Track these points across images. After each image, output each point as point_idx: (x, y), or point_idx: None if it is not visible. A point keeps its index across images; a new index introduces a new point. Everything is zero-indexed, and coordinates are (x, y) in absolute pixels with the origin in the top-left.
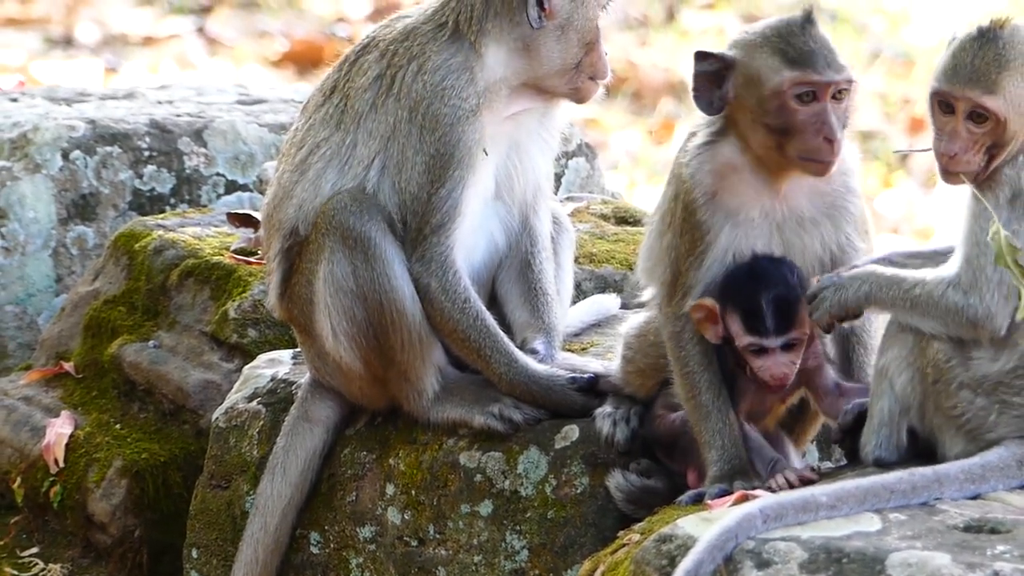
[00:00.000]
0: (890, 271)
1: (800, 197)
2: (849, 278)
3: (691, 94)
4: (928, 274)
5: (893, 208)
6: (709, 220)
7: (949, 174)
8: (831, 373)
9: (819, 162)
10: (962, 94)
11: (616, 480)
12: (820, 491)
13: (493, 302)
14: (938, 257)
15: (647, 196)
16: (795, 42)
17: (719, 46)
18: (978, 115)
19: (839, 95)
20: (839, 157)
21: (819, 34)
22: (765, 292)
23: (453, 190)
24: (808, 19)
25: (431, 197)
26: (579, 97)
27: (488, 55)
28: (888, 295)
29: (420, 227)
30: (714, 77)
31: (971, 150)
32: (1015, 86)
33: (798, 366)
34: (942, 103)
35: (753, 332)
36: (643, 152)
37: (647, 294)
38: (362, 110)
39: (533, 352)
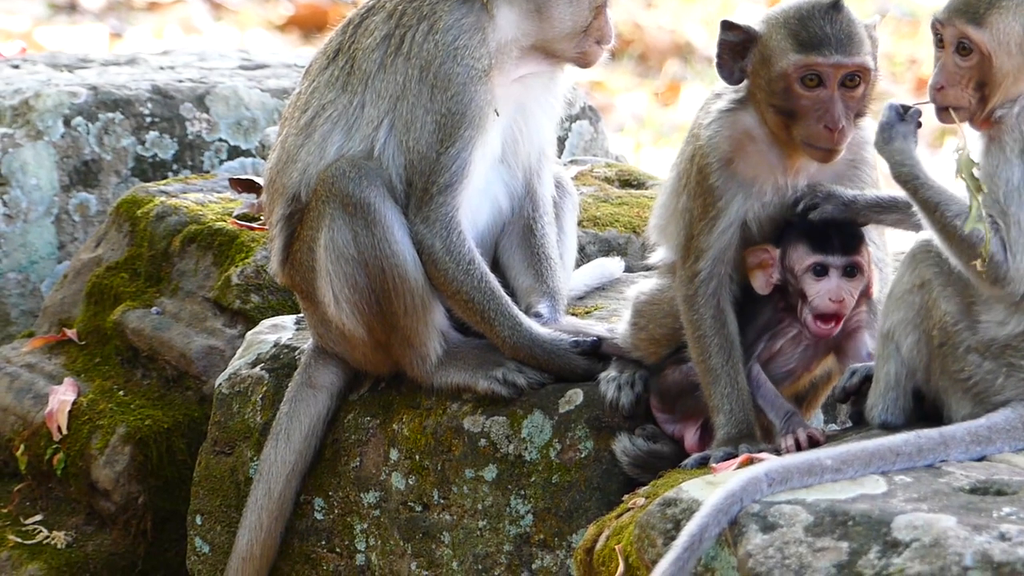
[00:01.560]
0: (934, 184)
1: (813, 173)
2: (895, 176)
3: (714, 61)
4: (963, 205)
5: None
6: (722, 186)
7: (940, 110)
8: (868, 341)
9: (820, 149)
10: (949, 22)
11: (623, 444)
12: (825, 454)
13: (496, 267)
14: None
15: (653, 158)
16: (811, 25)
17: (727, 10)
18: (963, 47)
19: (851, 81)
20: (845, 143)
21: (842, 18)
22: (831, 219)
23: (463, 150)
24: (835, 4)
25: (440, 156)
26: (585, 61)
27: (500, 16)
28: (928, 208)
29: (426, 187)
30: (738, 47)
31: (958, 84)
32: (1004, 24)
33: (855, 299)
34: (936, 35)
35: (819, 250)
36: (649, 114)
37: (657, 256)
38: (370, 70)
39: (537, 316)
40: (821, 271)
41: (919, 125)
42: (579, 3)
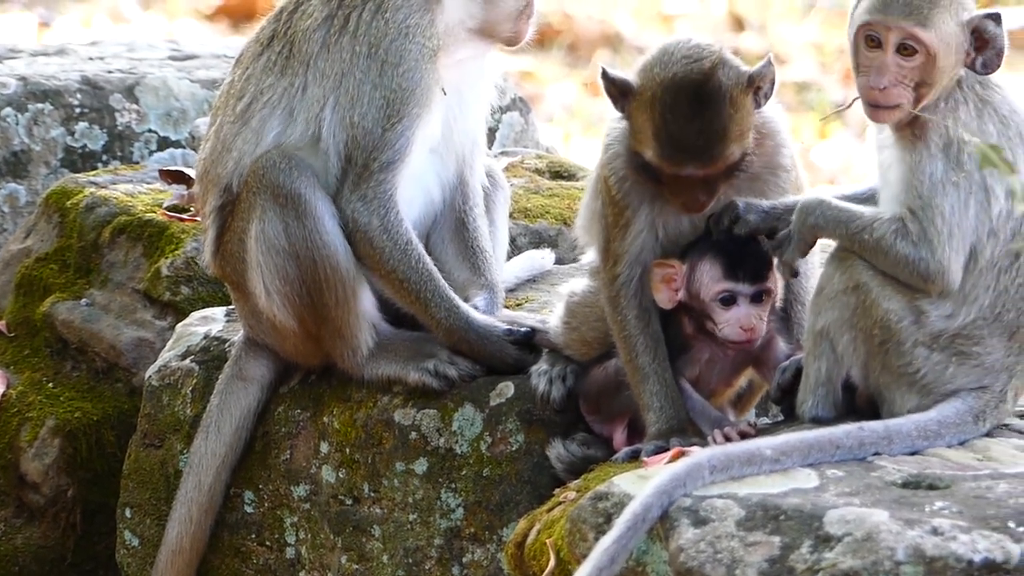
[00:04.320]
0: (835, 205)
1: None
2: (798, 211)
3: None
4: (873, 217)
5: (829, 159)
6: (626, 199)
7: (879, 109)
8: (782, 346)
9: (686, 211)
10: (895, 24)
11: (557, 451)
12: (765, 443)
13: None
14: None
15: (583, 149)
16: (670, 129)
17: (654, 0)
18: (908, 47)
19: (709, 177)
20: (711, 204)
21: (705, 125)
22: (740, 242)
23: (408, 128)
24: (697, 104)
25: (384, 132)
26: (518, 40)
27: None
28: (836, 233)
29: (367, 163)
30: (618, 91)
31: (900, 84)
32: (945, 23)
33: (764, 324)
34: (870, 37)
35: (729, 277)
36: (578, 104)
37: (587, 256)
38: (311, 50)
39: (474, 308)
40: (729, 300)
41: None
42: None
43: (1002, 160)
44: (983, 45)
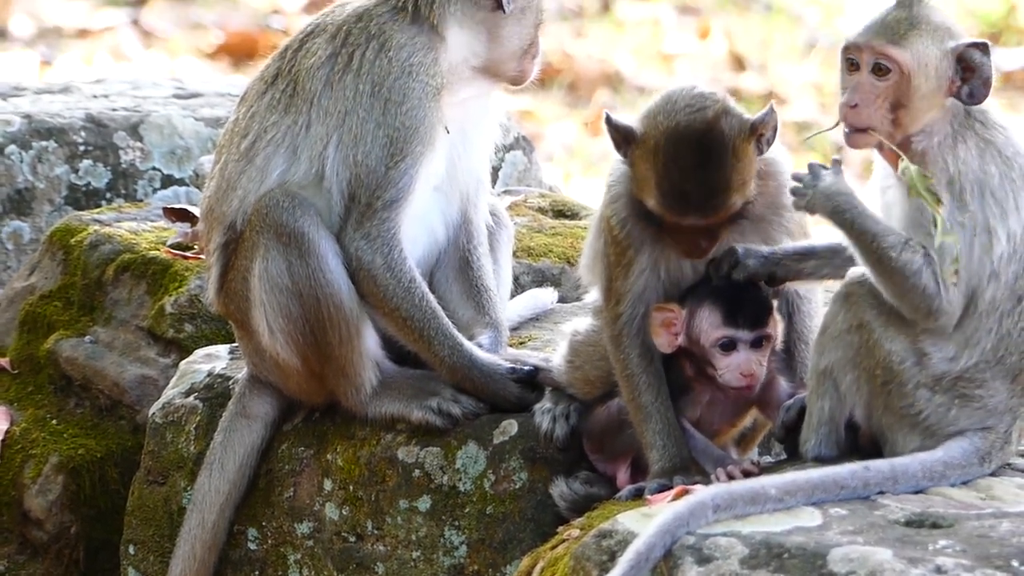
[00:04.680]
0: (869, 211)
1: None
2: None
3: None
4: (904, 239)
5: None
6: (628, 240)
7: (855, 134)
8: (784, 386)
9: (687, 257)
10: (867, 43)
11: (560, 489)
12: (770, 482)
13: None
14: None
15: (582, 188)
16: (672, 179)
17: (657, 40)
18: (881, 67)
19: (711, 225)
20: (712, 250)
21: (707, 176)
22: (740, 287)
23: (411, 166)
24: (700, 155)
25: (388, 171)
26: (523, 79)
27: (450, 38)
28: (856, 233)
29: (370, 202)
30: (622, 136)
31: (872, 104)
32: (922, 46)
33: (765, 369)
34: (850, 60)
35: (729, 324)
36: (579, 144)
37: (591, 295)
38: (315, 89)
39: (478, 347)
40: (729, 345)
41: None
42: (526, 22)
43: (929, 191)
44: (969, 74)
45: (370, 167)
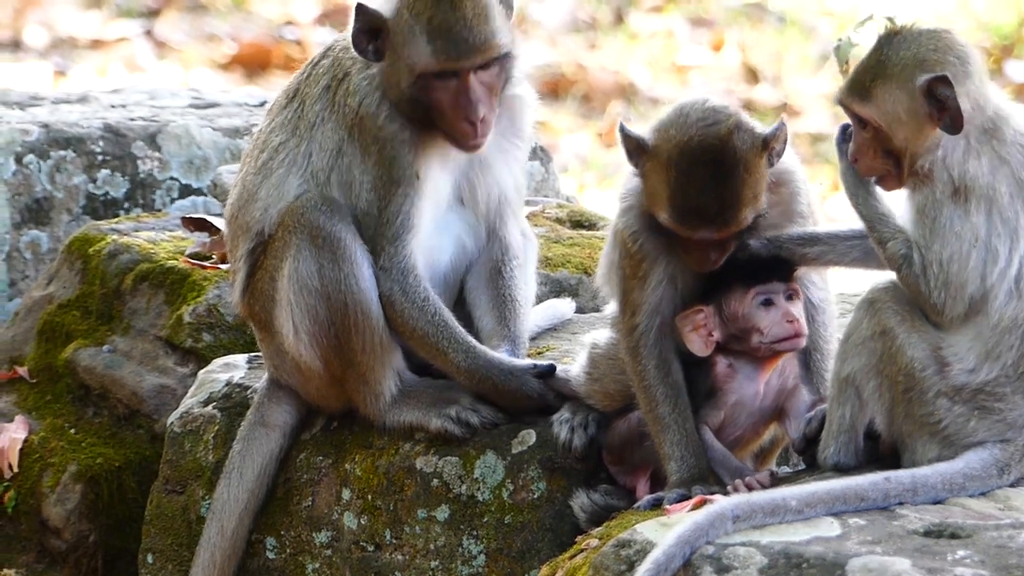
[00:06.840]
0: (876, 199)
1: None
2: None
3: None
4: (897, 231)
5: (844, 210)
6: (642, 252)
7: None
8: (806, 396)
9: (698, 269)
10: (841, 101)
11: (580, 500)
12: (790, 493)
13: (462, 306)
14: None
15: (597, 199)
16: (685, 194)
17: (671, 52)
18: (860, 121)
19: (723, 239)
20: (721, 260)
21: (720, 188)
22: (756, 257)
23: (402, 206)
24: (713, 170)
25: (382, 212)
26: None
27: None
28: (861, 212)
29: (375, 238)
30: (635, 147)
31: (867, 154)
32: (888, 94)
33: (804, 321)
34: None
35: (759, 283)
36: (593, 155)
37: (610, 307)
38: (313, 120)
39: None
40: (767, 302)
41: None
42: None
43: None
44: (942, 107)
45: (363, 209)
